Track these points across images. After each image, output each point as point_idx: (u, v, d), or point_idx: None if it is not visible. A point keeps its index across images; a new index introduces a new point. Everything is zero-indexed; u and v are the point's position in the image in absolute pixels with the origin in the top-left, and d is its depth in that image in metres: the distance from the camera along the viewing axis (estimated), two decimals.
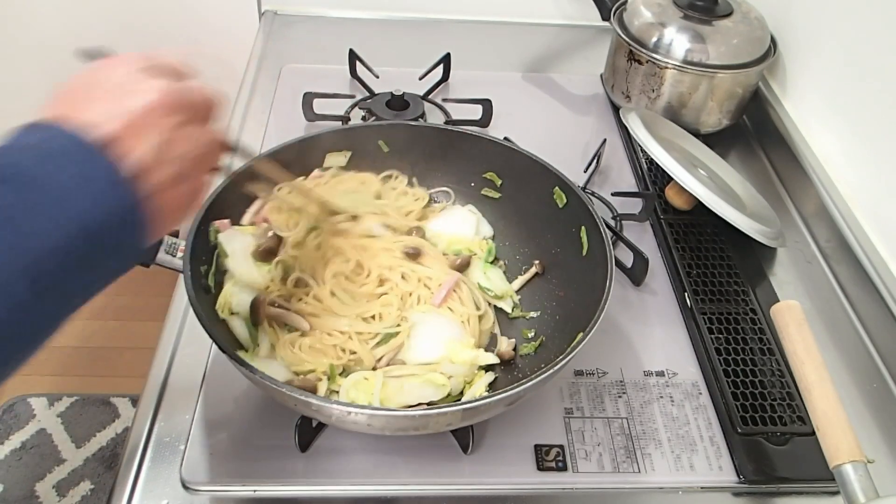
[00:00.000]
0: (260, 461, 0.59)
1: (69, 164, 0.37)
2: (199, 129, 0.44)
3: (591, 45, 1.22)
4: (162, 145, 0.41)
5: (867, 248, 0.78)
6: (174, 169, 0.41)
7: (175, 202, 0.42)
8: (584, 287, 0.66)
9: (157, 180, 0.40)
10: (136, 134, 0.40)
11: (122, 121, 0.39)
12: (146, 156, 0.40)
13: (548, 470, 0.60)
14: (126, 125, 0.39)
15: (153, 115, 0.41)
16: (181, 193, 0.43)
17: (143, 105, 0.40)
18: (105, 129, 0.39)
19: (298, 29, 1.20)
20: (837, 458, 0.52)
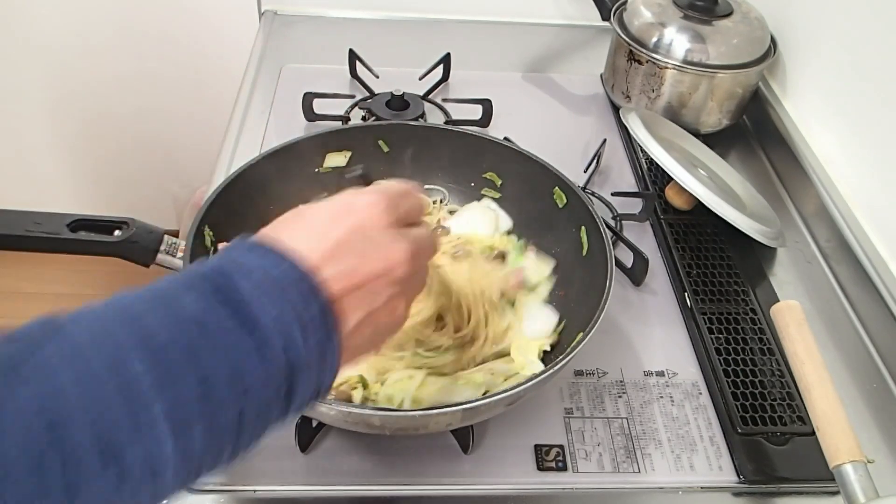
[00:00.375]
0: (260, 461, 0.59)
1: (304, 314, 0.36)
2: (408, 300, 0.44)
3: (591, 45, 1.22)
4: (373, 314, 0.40)
5: (867, 248, 0.78)
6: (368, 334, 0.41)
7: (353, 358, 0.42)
8: (584, 287, 0.66)
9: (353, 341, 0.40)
10: (361, 297, 0.39)
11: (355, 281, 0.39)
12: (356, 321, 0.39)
13: (548, 470, 0.60)
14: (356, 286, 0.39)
15: (382, 281, 0.40)
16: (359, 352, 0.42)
17: (380, 270, 0.40)
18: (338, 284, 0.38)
19: (298, 29, 1.20)
20: (837, 458, 0.52)
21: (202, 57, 1.41)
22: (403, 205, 0.44)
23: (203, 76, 1.44)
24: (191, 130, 1.52)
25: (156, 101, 1.48)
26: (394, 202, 0.43)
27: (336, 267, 0.38)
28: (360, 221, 0.41)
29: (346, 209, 0.41)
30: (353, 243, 0.40)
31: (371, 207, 0.42)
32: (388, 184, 0.45)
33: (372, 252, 0.40)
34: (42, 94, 1.47)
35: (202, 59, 1.41)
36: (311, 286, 0.37)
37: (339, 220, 0.40)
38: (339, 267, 0.38)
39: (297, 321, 0.35)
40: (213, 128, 1.15)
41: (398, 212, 0.43)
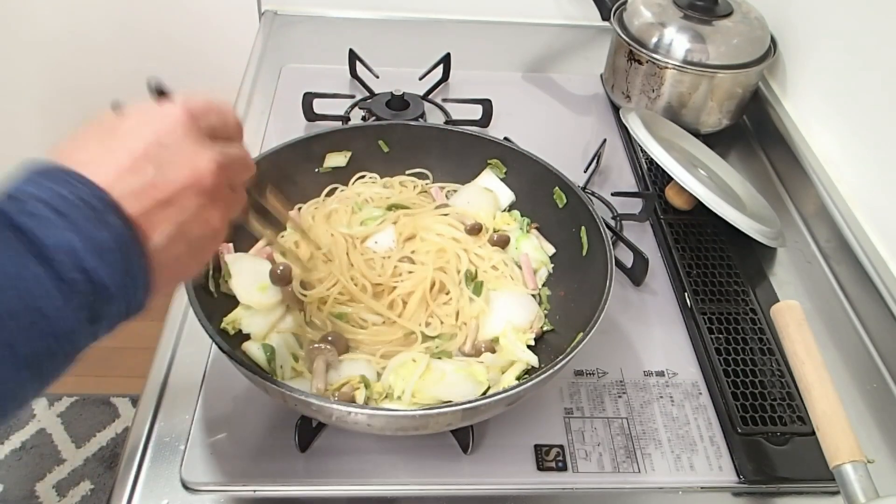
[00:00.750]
0: (260, 461, 0.59)
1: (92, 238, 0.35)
2: (221, 212, 0.42)
3: (591, 45, 1.22)
4: (183, 226, 0.39)
5: (867, 248, 0.78)
6: (182, 248, 0.40)
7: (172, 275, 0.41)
8: (584, 287, 0.66)
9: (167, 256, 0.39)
10: (166, 212, 0.38)
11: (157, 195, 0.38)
12: (166, 235, 0.38)
13: (548, 470, 0.60)
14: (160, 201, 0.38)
15: (188, 192, 0.39)
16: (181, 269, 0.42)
17: (183, 180, 0.39)
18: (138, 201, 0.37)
19: (298, 29, 1.20)
20: (837, 458, 0.52)
21: (202, 57, 1.41)
22: (208, 118, 0.42)
23: (203, 76, 1.43)
24: None
25: None
26: (196, 113, 0.41)
27: (133, 182, 0.37)
28: (158, 133, 0.39)
29: (142, 121, 0.39)
30: (151, 156, 0.38)
31: (169, 118, 0.40)
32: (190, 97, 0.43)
33: (172, 163, 0.39)
34: (42, 95, 1.47)
35: (202, 58, 1.41)
36: (101, 207, 0.35)
37: (134, 133, 0.39)
38: (137, 182, 0.37)
39: (87, 245, 0.34)
40: None
41: (201, 123, 0.41)
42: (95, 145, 0.38)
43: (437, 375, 0.59)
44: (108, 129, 0.39)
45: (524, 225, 0.75)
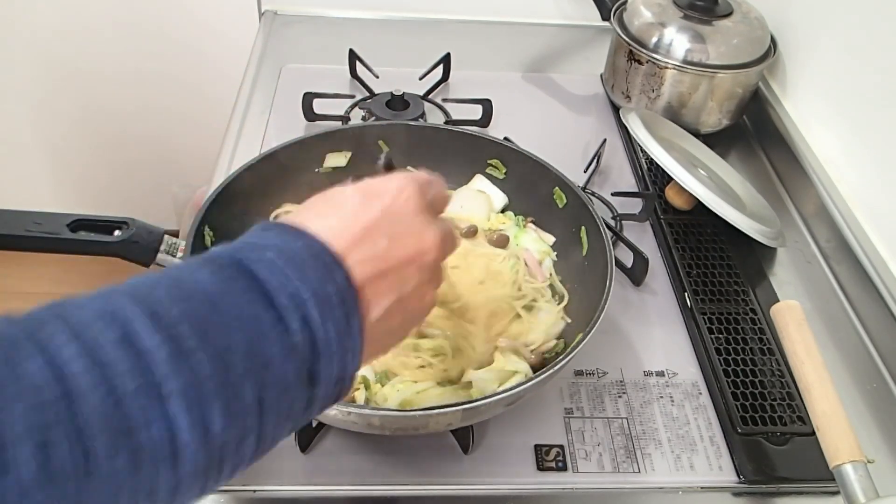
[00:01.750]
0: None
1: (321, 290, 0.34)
2: (432, 289, 0.43)
3: (591, 45, 1.22)
4: (402, 299, 0.39)
5: (867, 248, 0.78)
6: (397, 322, 0.40)
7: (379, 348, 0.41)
8: (584, 287, 0.66)
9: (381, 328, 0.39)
10: (390, 282, 0.38)
11: (385, 265, 0.38)
12: (386, 306, 0.38)
13: (548, 470, 0.60)
14: (386, 271, 0.38)
15: (413, 266, 0.39)
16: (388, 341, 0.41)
17: (412, 255, 0.39)
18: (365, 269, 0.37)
19: (298, 29, 1.20)
20: (837, 458, 0.52)
21: (202, 57, 1.41)
22: (431, 192, 0.43)
23: (203, 76, 1.44)
24: (191, 130, 1.52)
25: (156, 101, 1.48)
26: (423, 188, 0.42)
27: (365, 251, 0.37)
28: (391, 205, 0.39)
29: (377, 192, 0.40)
30: (384, 227, 0.38)
31: (402, 192, 0.40)
32: (415, 172, 0.44)
33: (403, 236, 0.39)
34: (42, 95, 1.47)
35: (202, 59, 1.41)
36: (332, 265, 0.35)
37: (368, 203, 0.39)
38: (368, 251, 0.37)
39: (314, 297, 0.34)
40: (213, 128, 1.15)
41: (427, 198, 0.42)
42: (330, 213, 0.38)
43: (433, 394, 0.60)
44: (340, 199, 0.40)
45: (519, 222, 0.75)
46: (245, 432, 0.32)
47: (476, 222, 0.73)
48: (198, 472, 0.30)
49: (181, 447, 0.29)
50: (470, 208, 0.75)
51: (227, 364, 0.30)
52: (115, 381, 0.27)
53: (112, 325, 0.28)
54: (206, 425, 0.29)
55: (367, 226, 0.38)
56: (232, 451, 0.31)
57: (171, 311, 0.30)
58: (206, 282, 0.32)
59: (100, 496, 0.26)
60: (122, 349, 0.28)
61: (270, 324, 0.32)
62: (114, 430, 0.27)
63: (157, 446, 0.28)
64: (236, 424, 0.31)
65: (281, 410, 0.33)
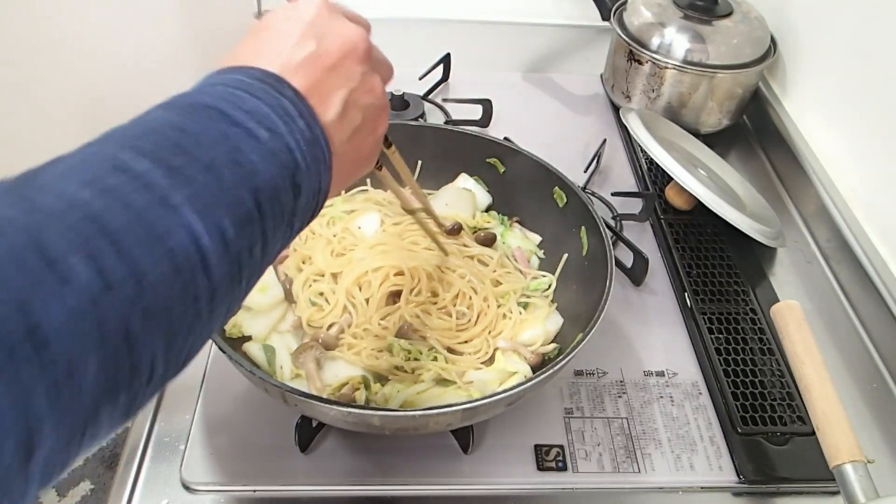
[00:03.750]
0: (260, 461, 0.59)
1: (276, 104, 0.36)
2: (379, 82, 0.43)
3: (591, 45, 1.22)
4: (353, 93, 0.40)
5: (867, 248, 0.78)
6: (358, 120, 0.41)
7: (354, 156, 0.42)
8: (584, 287, 0.66)
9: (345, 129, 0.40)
10: (334, 79, 0.39)
11: (323, 64, 0.39)
12: (339, 103, 0.39)
13: (548, 470, 0.60)
14: (326, 69, 0.39)
15: (350, 59, 0.40)
16: (360, 147, 0.42)
17: (342, 47, 0.40)
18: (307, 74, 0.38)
19: None
20: (837, 458, 0.52)
21: (202, 57, 1.41)
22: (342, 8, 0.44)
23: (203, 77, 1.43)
24: None
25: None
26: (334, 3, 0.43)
27: (296, 57, 0.38)
28: (304, 15, 0.41)
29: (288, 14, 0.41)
30: (307, 34, 0.40)
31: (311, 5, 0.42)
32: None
33: (327, 35, 0.40)
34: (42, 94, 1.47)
35: (202, 59, 1.41)
36: (274, 82, 0.36)
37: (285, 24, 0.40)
38: (300, 56, 0.38)
39: (272, 111, 0.35)
40: None
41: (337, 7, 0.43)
42: (253, 44, 0.40)
43: (434, 393, 0.60)
44: (258, 29, 0.41)
45: (504, 221, 0.75)
46: (253, 238, 0.33)
47: (461, 220, 0.73)
48: (225, 280, 0.31)
49: (206, 252, 0.30)
50: (455, 206, 0.75)
51: (218, 175, 0.31)
52: (127, 198, 0.28)
53: (100, 162, 0.29)
54: (221, 231, 0.31)
55: (291, 38, 0.39)
56: (246, 259, 0.33)
57: (148, 142, 0.31)
58: (166, 116, 0.33)
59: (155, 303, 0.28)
60: (119, 175, 0.29)
61: (241, 137, 0.33)
62: (145, 240, 0.28)
63: (186, 252, 0.29)
64: (245, 230, 0.32)
65: (276, 215, 0.35)
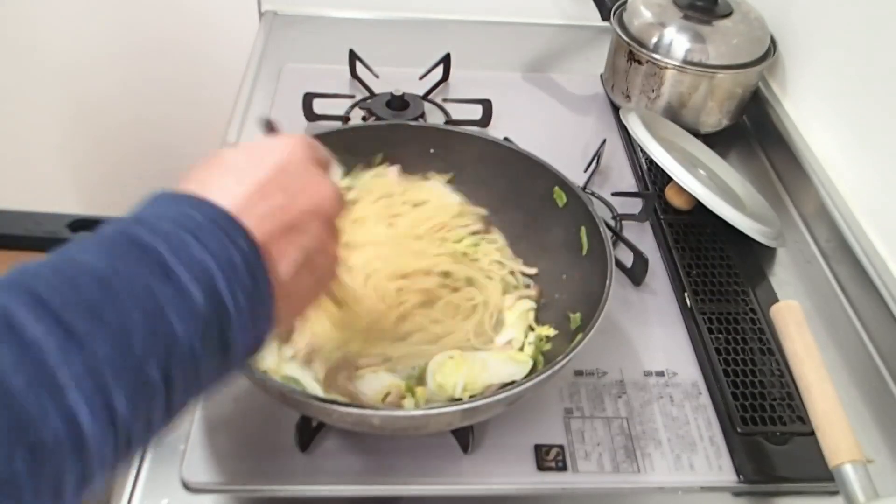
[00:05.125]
0: (260, 461, 0.59)
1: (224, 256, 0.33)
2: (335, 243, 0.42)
3: (591, 45, 1.22)
4: (309, 253, 0.39)
5: (867, 248, 0.78)
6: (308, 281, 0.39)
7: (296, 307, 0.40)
8: (584, 287, 0.66)
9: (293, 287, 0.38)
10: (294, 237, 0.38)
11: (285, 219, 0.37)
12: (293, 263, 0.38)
13: (548, 470, 0.60)
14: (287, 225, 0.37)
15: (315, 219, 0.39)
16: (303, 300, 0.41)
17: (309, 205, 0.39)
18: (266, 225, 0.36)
19: (298, 29, 1.20)
20: (837, 458, 0.52)
21: (202, 58, 1.41)
22: (318, 149, 0.43)
23: (203, 76, 1.44)
24: (191, 130, 1.52)
25: (156, 100, 1.48)
26: (311, 144, 0.42)
27: (263, 208, 0.36)
28: (281, 161, 0.39)
29: (265, 150, 0.39)
30: (278, 183, 0.38)
31: (290, 147, 0.40)
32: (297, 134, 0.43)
33: (299, 190, 0.38)
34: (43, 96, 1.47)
35: (202, 59, 1.41)
36: (232, 230, 0.34)
37: (258, 162, 0.38)
38: (266, 207, 0.36)
39: (218, 267, 0.32)
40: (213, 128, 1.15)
41: (316, 154, 0.42)
42: (219, 176, 0.38)
43: (479, 366, 0.61)
44: (229, 160, 0.39)
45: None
46: (152, 410, 0.30)
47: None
48: (106, 457, 0.29)
49: (86, 437, 0.27)
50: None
51: (125, 345, 0.29)
52: (3, 376, 0.25)
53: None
54: (110, 411, 0.28)
55: (262, 183, 0.37)
56: (141, 430, 0.30)
57: (58, 296, 0.28)
58: (96, 261, 0.30)
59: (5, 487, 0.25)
60: (9, 338, 0.26)
61: (170, 297, 0.31)
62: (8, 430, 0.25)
63: (59, 441, 0.26)
64: (143, 405, 0.30)
65: (190, 382, 0.32)
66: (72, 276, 0.29)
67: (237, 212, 0.35)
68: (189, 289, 0.31)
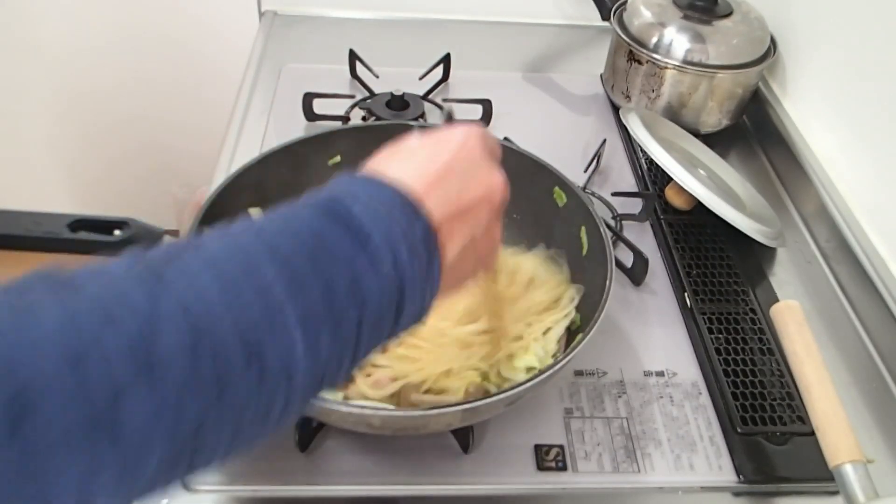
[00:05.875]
0: (260, 461, 0.59)
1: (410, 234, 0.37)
2: (499, 228, 0.45)
3: (591, 45, 1.22)
4: (475, 239, 0.42)
5: (867, 248, 0.78)
6: (469, 266, 0.43)
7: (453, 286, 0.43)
8: (584, 287, 0.66)
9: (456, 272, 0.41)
10: (465, 222, 0.41)
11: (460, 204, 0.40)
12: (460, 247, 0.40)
13: (548, 470, 0.60)
14: (461, 210, 0.40)
15: (485, 207, 0.42)
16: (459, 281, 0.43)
17: (482, 193, 0.42)
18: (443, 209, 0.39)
19: (298, 29, 1.20)
20: (837, 458, 0.52)
21: (202, 57, 1.41)
22: (491, 139, 0.46)
23: (203, 76, 1.44)
24: (191, 130, 1.52)
25: (156, 100, 1.48)
26: (486, 135, 0.45)
27: (440, 194, 0.39)
28: (459, 150, 0.42)
29: (444, 140, 0.43)
30: (455, 171, 0.41)
31: (468, 138, 0.43)
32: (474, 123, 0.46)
33: (473, 178, 0.42)
34: (42, 95, 1.47)
35: (202, 59, 1.41)
36: (415, 209, 0.38)
37: (438, 150, 0.42)
38: (443, 194, 0.40)
39: (404, 240, 0.36)
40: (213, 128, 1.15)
41: (489, 144, 0.45)
42: (403, 162, 0.41)
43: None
44: (412, 147, 0.42)
45: None
46: (343, 356, 0.35)
47: None
48: (305, 390, 0.33)
49: (295, 366, 0.32)
50: None
51: (333, 295, 0.33)
52: (243, 308, 0.30)
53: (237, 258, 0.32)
54: (317, 348, 0.33)
55: (440, 170, 0.40)
56: (332, 371, 0.35)
57: (285, 246, 0.33)
58: (311, 221, 0.35)
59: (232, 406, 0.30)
60: (248, 278, 0.31)
61: (365, 265, 0.35)
62: (246, 347, 0.30)
63: (279, 365, 0.31)
64: (339, 349, 0.34)
65: (372, 336, 0.37)
66: (295, 229, 0.34)
67: (419, 195, 0.39)
68: (381, 255, 0.35)
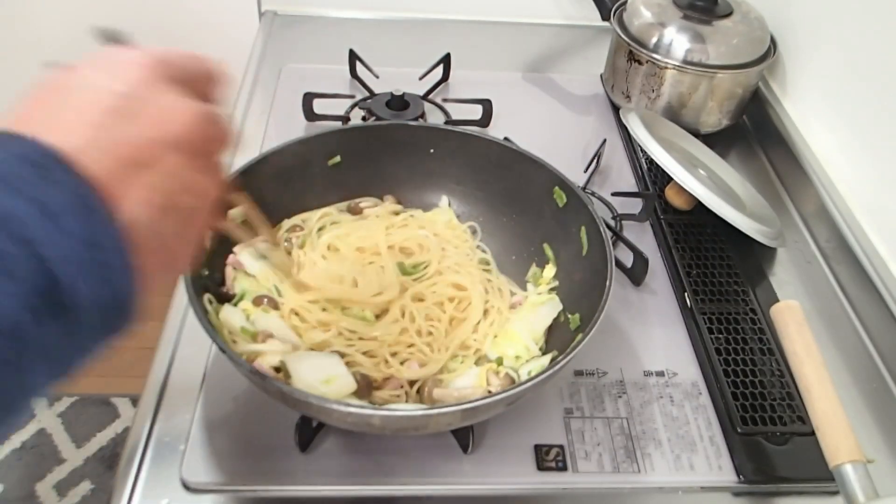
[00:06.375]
0: (260, 461, 0.59)
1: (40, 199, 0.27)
2: (209, 176, 0.35)
3: (591, 45, 1.22)
4: (164, 191, 0.32)
5: (867, 248, 0.78)
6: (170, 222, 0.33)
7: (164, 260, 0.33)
8: (584, 287, 0.66)
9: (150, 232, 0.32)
10: (138, 172, 0.31)
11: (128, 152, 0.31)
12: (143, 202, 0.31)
13: (548, 470, 0.60)
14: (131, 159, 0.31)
15: (165, 150, 0.32)
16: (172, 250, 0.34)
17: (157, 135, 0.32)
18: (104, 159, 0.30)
19: (298, 29, 1.20)
20: (837, 458, 0.52)
21: None
22: (180, 65, 0.35)
23: None
24: None
25: None
26: (166, 60, 0.34)
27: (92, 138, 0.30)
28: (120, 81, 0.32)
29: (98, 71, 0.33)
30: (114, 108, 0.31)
31: (132, 65, 0.33)
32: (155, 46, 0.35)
33: (141, 115, 0.32)
34: None
35: None
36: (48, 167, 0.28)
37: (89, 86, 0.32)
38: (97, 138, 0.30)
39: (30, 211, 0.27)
40: None
41: (173, 71, 0.34)
42: (43, 106, 0.31)
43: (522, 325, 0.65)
44: (57, 86, 0.32)
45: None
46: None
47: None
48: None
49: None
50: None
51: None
52: None
53: None
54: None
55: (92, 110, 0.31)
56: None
57: None
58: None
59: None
60: None
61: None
62: None
63: None
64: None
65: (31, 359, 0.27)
66: None
67: (62, 146, 0.29)
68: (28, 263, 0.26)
